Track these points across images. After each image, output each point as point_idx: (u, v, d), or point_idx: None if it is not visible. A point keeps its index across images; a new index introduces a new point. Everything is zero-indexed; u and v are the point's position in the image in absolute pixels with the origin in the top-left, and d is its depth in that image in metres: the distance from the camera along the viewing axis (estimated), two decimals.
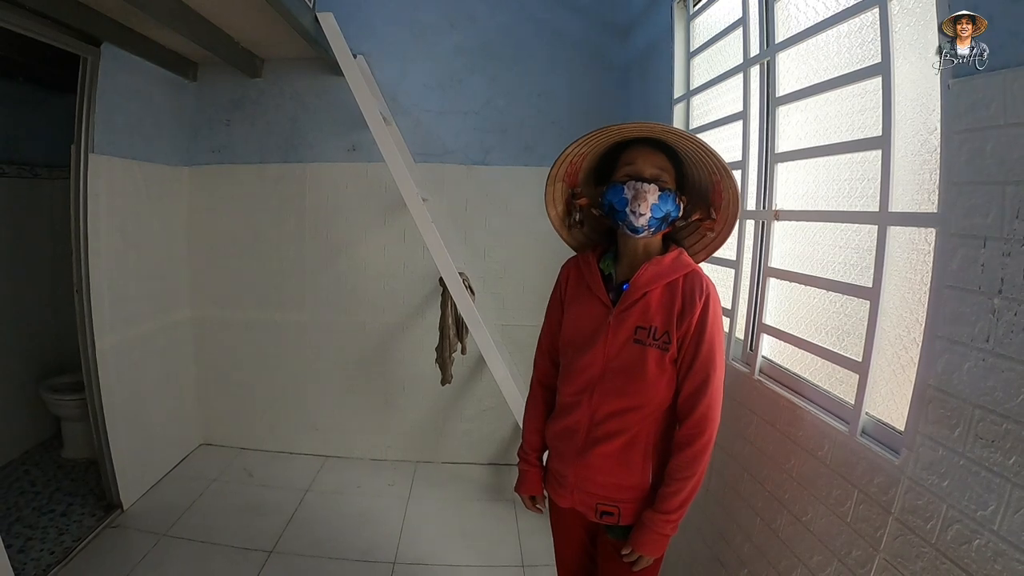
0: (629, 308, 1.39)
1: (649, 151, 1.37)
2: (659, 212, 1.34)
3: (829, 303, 1.63)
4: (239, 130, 3.37)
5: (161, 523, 2.71)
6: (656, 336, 1.36)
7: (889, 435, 1.31)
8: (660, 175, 1.36)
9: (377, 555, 2.60)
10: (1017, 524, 0.94)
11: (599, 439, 1.41)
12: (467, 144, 3.36)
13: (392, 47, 3.29)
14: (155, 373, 3.15)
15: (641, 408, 1.38)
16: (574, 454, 1.45)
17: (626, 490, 1.42)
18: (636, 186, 1.33)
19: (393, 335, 3.48)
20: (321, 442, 3.57)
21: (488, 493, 3.26)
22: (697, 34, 2.47)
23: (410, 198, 2.69)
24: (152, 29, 2.72)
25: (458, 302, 2.80)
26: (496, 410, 3.30)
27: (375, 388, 3.53)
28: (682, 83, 2.54)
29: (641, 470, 1.40)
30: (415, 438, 3.57)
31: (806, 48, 1.71)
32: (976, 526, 1.02)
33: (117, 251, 2.80)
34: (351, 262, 3.42)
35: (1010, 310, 0.98)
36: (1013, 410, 0.96)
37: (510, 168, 3.35)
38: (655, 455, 1.42)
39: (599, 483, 1.43)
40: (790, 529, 1.60)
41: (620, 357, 1.38)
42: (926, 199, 1.25)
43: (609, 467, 1.41)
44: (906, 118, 1.31)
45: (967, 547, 1.03)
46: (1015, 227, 0.97)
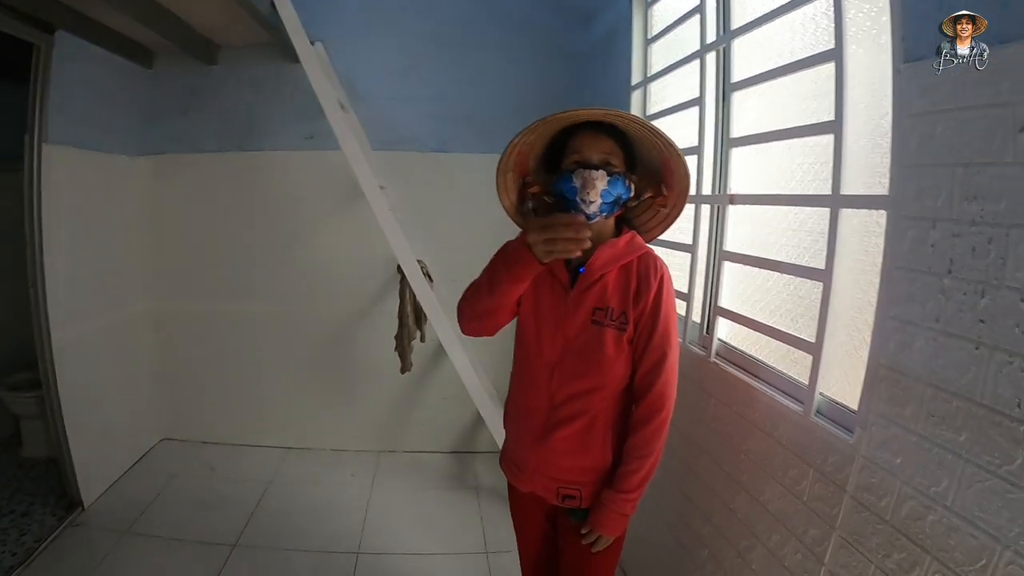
0: (586, 290, 1.39)
1: (596, 136, 1.36)
2: (609, 197, 1.34)
3: (783, 286, 1.66)
4: (196, 118, 3.27)
5: (123, 520, 2.65)
6: (613, 317, 1.38)
7: (843, 414, 1.34)
8: (608, 159, 1.35)
9: (340, 546, 2.59)
10: (969, 499, 0.97)
11: (559, 422, 1.41)
12: (426, 132, 3.32)
13: (351, 33, 3.21)
14: (114, 368, 3.07)
15: (600, 389, 1.39)
16: (534, 439, 1.45)
17: (587, 472, 1.43)
18: (584, 174, 1.32)
19: (353, 324, 3.44)
20: (283, 434, 3.52)
21: (451, 481, 3.26)
22: (656, 21, 2.48)
23: (367, 186, 2.65)
24: (107, 16, 2.62)
25: (416, 290, 2.77)
26: (457, 398, 3.28)
27: (336, 378, 3.50)
28: (640, 70, 2.55)
29: (601, 451, 1.41)
30: (377, 428, 3.54)
31: (762, 34, 1.73)
32: (929, 502, 1.05)
33: (72, 244, 2.72)
34: (310, 251, 3.36)
35: (959, 290, 1.00)
36: (963, 388, 0.99)
37: (469, 156, 3.32)
38: (614, 435, 1.43)
39: (561, 467, 1.43)
40: (748, 509, 1.63)
41: (579, 339, 1.39)
42: (878, 182, 1.28)
43: (570, 450, 1.41)
44: (859, 102, 1.33)
45: (921, 523, 1.06)
46: (964, 208, 0.99)
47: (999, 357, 0.93)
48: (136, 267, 3.28)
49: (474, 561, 2.53)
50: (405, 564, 2.50)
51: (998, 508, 0.92)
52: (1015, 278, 0.90)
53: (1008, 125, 0.91)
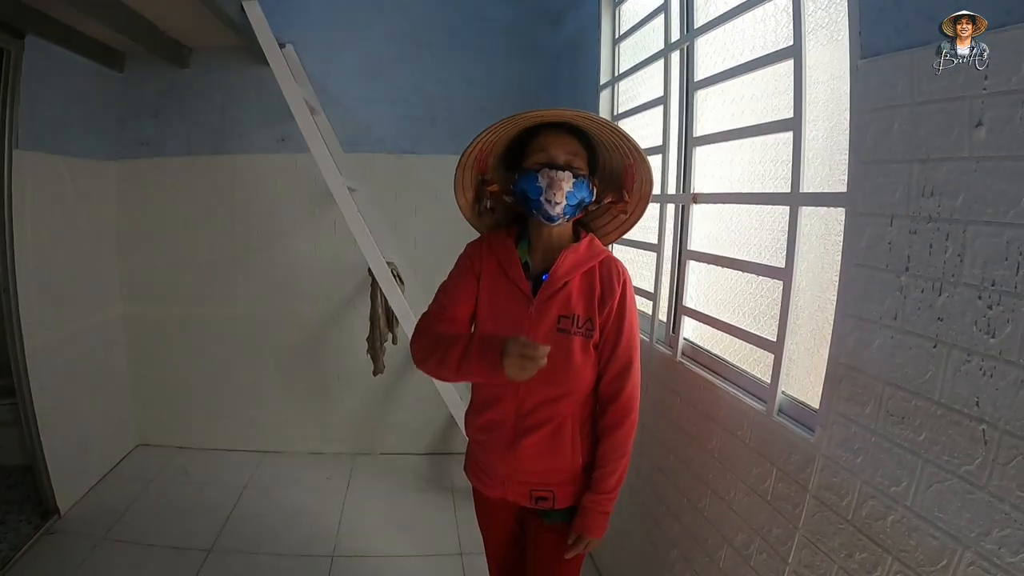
0: (551, 298, 1.36)
1: (562, 136, 1.34)
2: (574, 199, 1.32)
3: (746, 284, 1.65)
4: (167, 122, 3.23)
5: (99, 527, 2.63)
6: (579, 324, 1.36)
7: (804, 413, 1.33)
8: (573, 160, 1.33)
9: (316, 549, 2.57)
10: (929, 499, 0.96)
11: (528, 429, 1.39)
12: (397, 133, 3.30)
13: (321, 35, 3.18)
14: (88, 373, 3.03)
15: (568, 395, 1.37)
16: (503, 447, 1.42)
17: (559, 473, 1.41)
18: (551, 174, 1.30)
19: (326, 327, 3.41)
20: (258, 438, 3.47)
21: (426, 483, 3.25)
22: (624, 20, 2.47)
23: (336, 189, 2.62)
24: (77, 20, 2.58)
25: (387, 292, 2.76)
26: (431, 399, 3.25)
27: (310, 381, 3.47)
28: (608, 69, 2.54)
29: (571, 452, 1.40)
30: (352, 430, 3.52)
31: (724, 33, 1.72)
32: (890, 502, 1.04)
33: (44, 249, 2.68)
34: (283, 254, 3.33)
35: (916, 287, 1.00)
36: (922, 387, 0.98)
37: (440, 157, 3.29)
38: (583, 436, 1.41)
39: (531, 471, 1.42)
40: (715, 508, 1.62)
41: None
42: (838, 179, 1.27)
43: (540, 454, 1.40)
44: (818, 100, 1.32)
45: (882, 523, 1.05)
46: (921, 204, 0.98)
47: (957, 355, 0.92)
48: (109, 272, 3.26)
49: (449, 563, 2.53)
50: (380, 566, 2.49)
51: (958, 508, 0.92)
52: (972, 275, 0.89)
53: (964, 119, 0.90)
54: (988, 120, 0.87)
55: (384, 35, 3.23)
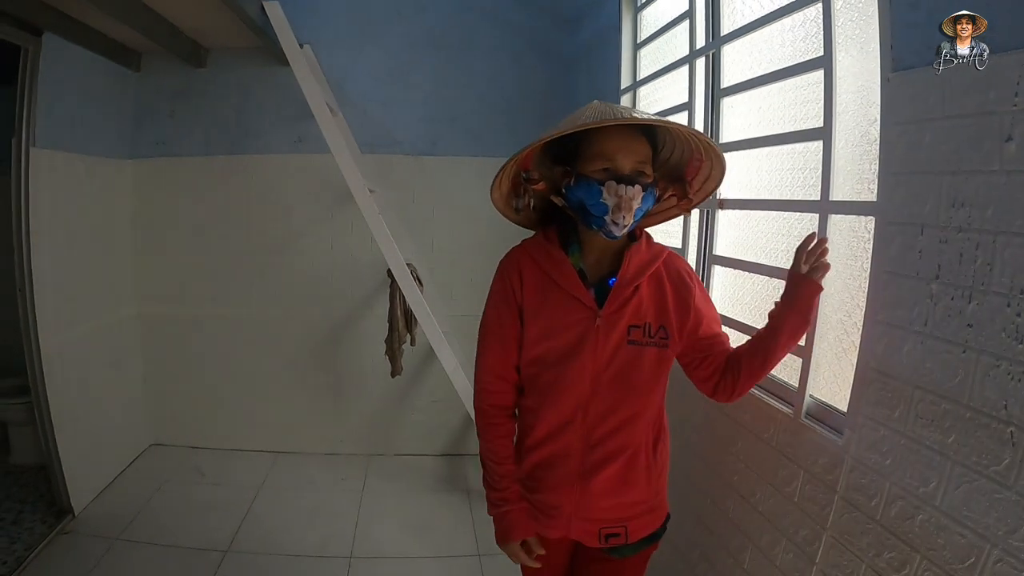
0: (621, 308, 1.21)
1: (627, 136, 1.15)
2: (640, 214, 1.17)
3: (772, 290, 1.67)
4: (184, 122, 3.27)
5: (114, 527, 2.63)
6: (651, 333, 1.22)
7: (832, 416, 1.36)
8: (641, 168, 1.16)
9: (333, 550, 2.59)
10: (958, 499, 0.99)
11: (599, 463, 1.24)
12: (414, 134, 3.33)
13: (340, 36, 3.22)
14: (103, 373, 3.05)
15: (640, 414, 1.24)
16: (569, 483, 1.26)
17: (633, 506, 1.29)
18: (619, 191, 1.11)
19: (343, 328, 3.44)
20: (273, 438, 3.50)
21: (442, 484, 3.27)
22: (644, 25, 2.50)
23: (357, 189, 2.65)
24: (94, 18, 2.60)
25: (406, 294, 2.77)
26: (447, 400, 3.28)
27: (326, 382, 3.49)
28: (628, 74, 2.57)
29: (646, 481, 1.28)
30: (367, 431, 3.54)
31: (751, 41, 1.75)
32: (919, 502, 1.07)
33: (60, 248, 2.70)
34: (300, 255, 3.36)
35: (947, 295, 1.03)
36: (951, 391, 1.01)
37: (457, 158, 3.34)
38: (657, 459, 1.30)
39: (603, 507, 1.27)
40: (739, 510, 1.65)
41: (613, 364, 1.21)
42: (866, 188, 1.30)
43: (614, 489, 1.25)
44: (847, 110, 1.35)
45: (910, 522, 1.08)
46: (951, 215, 1.01)
47: (986, 360, 0.95)
48: (124, 271, 3.27)
49: (467, 564, 2.54)
50: (398, 568, 2.50)
51: (986, 508, 0.95)
52: (1001, 283, 0.92)
53: (995, 134, 0.93)
54: (1018, 135, 0.90)
55: (402, 36, 3.27)
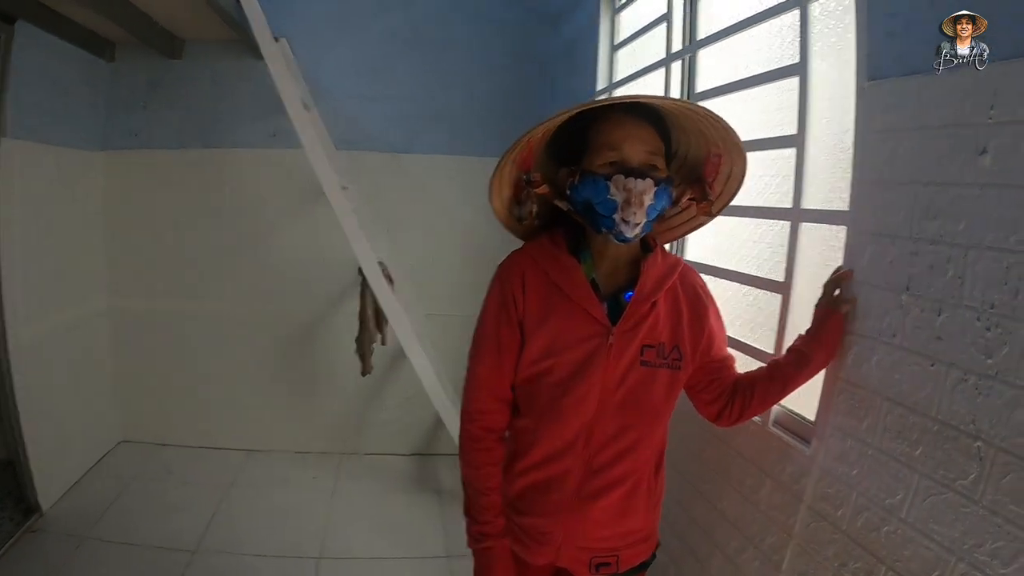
0: (637, 325, 1.10)
1: (635, 124, 1.04)
2: (654, 213, 1.04)
3: (743, 296, 1.68)
4: (157, 113, 3.18)
5: (82, 525, 2.58)
6: (665, 354, 1.11)
7: (800, 426, 1.36)
8: (652, 160, 1.04)
9: (302, 551, 2.55)
10: (924, 512, 0.99)
11: (600, 490, 1.13)
12: (391, 131, 3.28)
13: (317, 30, 3.16)
14: (72, 368, 2.97)
15: (647, 442, 1.15)
16: (565, 509, 1.15)
17: (628, 535, 1.20)
18: (628, 185, 1.00)
19: (315, 325, 3.39)
20: (244, 436, 3.42)
21: (412, 484, 3.24)
22: (622, 27, 2.49)
23: (328, 186, 2.61)
24: (68, 6, 2.52)
25: (376, 292, 2.73)
26: (418, 399, 3.24)
27: (298, 379, 3.43)
28: (605, 75, 2.56)
29: (646, 510, 1.20)
30: (339, 430, 3.49)
31: (728, 46, 1.74)
32: (885, 514, 1.07)
33: (30, 241, 2.61)
34: (272, 251, 3.29)
35: (917, 307, 1.02)
36: (919, 403, 1.01)
37: (434, 156, 3.30)
38: (657, 486, 1.23)
39: (598, 536, 1.17)
40: (707, 516, 1.65)
41: (624, 386, 1.10)
42: (838, 197, 1.30)
43: (612, 519, 1.16)
44: (821, 117, 1.35)
45: (876, 534, 1.08)
46: (924, 227, 1.01)
47: (955, 374, 0.95)
48: (95, 265, 3.19)
49: (436, 565, 2.53)
50: (367, 569, 2.48)
51: (952, 521, 0.94)
52: (972, 297, 0.92)
53: (970, 146, 0.92)
54: (993, 148, 0.89)
55: (381, 32, 3.21)
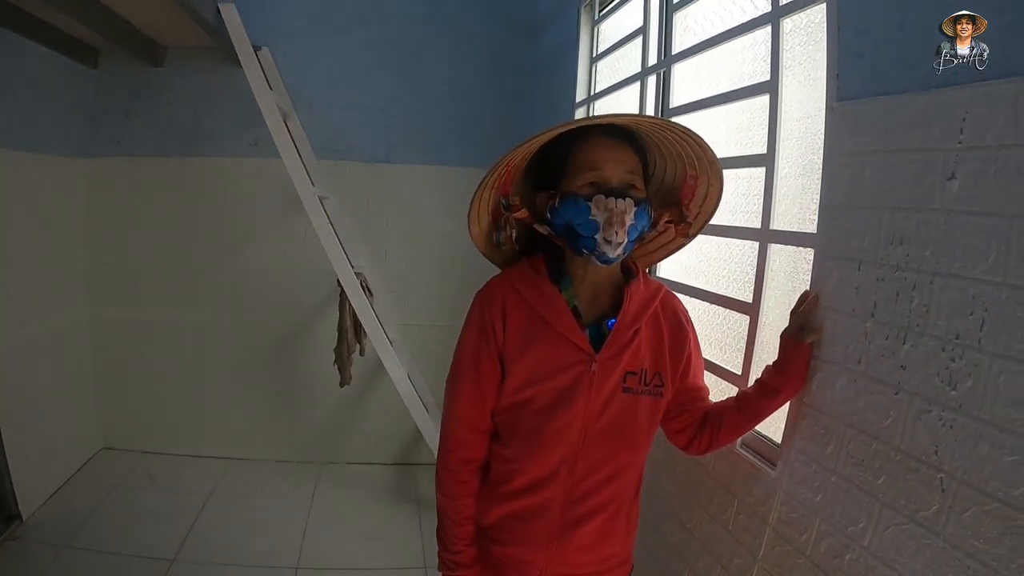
0: (620, 352, 1.08)
1: (614, 145, 1.04)
2: (635, 232, 1.03)
3: (713, 315, 1.66)
4: (139, 121, 3.16)
5: (62, 534, 2.58)
6: (647, 380, 1.11)
7: (767, 448, 1.34)
8: (632, 180, 1.04)
9: (279, 560, 2.55)
10: (886, 541, 0.98)
11: (582, 518, 1.12)
12: (371, 141, 3.27)
13: (299, 40, 3.15)
14: (53, 376, 2.96)
15: (628, 469, 1.14)
16: (545, 538, 1.14)
17: (606, 560, 1.19)
18: (608, 204, 0.99)
19: (295, 334, 3.37)
20: (225, 444, 3.39)
21: (391, 494, 3.23)
22: (602, 39, 2.49)
23: (305, 196, 2.60)
24: (50, 13, 2.50)
25: (354, 303, 2.72)
26: (398, 409, 3.21)
27: (278, 389, 3.41)
28: (585, 87, 2.55)
29: (625, 535, 1.20)
30: (319, 439, 3.48)
31: (703, 60, 1.73)
32: (848, 541, 1.05)
33: (10, 249, 2.61)
34: (252, 260, 3.27)
35: (881, 334, 1.01)
36: (882, 432, 0.99)
37: (413, 167, 3.30)
38: (636, 512, 1.22)
39: (579, 562, 1.16)
40: (677, 535, 1.63)
41: (606, 414, 1.09)
42: (808, 219, 1.28)
43: (592, 544, 1.15)
44: (792, 137, 1.34)
45: (839, 560, 1.06)
46: (890, 252, 0.99)
47: (918, 404, 0.93)
48: (76, 273, 3.20)
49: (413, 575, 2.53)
50: None
51: (914, 552, 0.93)
52: (937, 326, 0.91)
53: (939, 171, 0.91)
54: (961, 174, 0.88)
55: (362, 42, 3.20)
